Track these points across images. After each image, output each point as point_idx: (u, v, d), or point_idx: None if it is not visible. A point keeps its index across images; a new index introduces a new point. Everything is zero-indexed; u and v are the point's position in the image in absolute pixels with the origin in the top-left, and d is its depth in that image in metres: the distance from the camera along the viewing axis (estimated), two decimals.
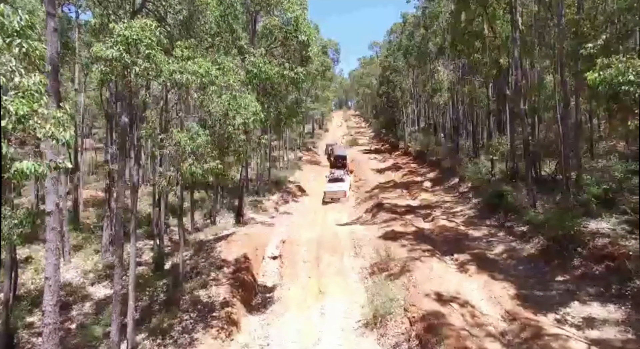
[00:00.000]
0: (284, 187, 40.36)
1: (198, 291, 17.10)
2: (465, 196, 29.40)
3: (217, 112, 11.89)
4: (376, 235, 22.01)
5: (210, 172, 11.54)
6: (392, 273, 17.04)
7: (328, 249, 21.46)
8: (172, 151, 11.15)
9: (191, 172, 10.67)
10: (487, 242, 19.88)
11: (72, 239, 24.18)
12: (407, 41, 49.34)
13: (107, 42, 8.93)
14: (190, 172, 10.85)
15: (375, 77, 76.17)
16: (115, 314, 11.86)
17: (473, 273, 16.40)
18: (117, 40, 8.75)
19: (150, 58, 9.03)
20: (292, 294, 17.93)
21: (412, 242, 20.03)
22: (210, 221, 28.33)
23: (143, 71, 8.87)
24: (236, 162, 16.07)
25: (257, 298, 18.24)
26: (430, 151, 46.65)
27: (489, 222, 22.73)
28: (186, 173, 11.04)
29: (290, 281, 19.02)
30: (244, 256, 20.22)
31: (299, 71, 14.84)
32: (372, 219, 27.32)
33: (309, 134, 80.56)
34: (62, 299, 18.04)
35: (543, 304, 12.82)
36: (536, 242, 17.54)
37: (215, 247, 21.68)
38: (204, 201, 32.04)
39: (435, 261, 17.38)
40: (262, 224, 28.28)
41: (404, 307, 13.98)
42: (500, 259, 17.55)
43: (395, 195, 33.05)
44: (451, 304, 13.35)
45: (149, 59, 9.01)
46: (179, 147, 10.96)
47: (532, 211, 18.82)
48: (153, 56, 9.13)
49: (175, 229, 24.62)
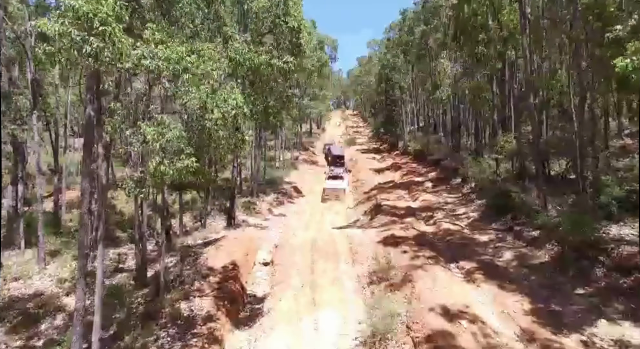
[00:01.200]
0: (279, 187, 38.96)
1: (180, 303, 15.59)
2: (469, 197, 27.95)
3: (193, 104, 10.37)
4: (375, 239, 20.55)
5: (185, 172, 10.04)
6: (392, 283, 15.58)
7: (323, 255, 20.01)
8: (140, 148, 9.62)
9: (160, 173, 9.16)
10: (495, 247, 18.43)
11: (50, 243, 22.68)
12: (407, 37, 47.87)
13: (52, 16, 7.47)
14: (158, 173, 9.33)
15: (374, 75, 74.71)
16: (76, 335, 10.34)
17: (481, 282, 14.93)
18: (65, 14, 7.30)
19: (107, 36, 7.56)
20: (283, 305, 16.44)
21: (413, 248, 18.56)
22: (201, 224, 26.89)
23: (97, 52, 7.40)
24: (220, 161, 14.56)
25: (245, 310, 16.76)
26: (430, 150, 45.29)
27: (495, 226, 21.26)
28: (157, 173, 9.51)
29: (282, 291, 17.54)
30: (232, 264, 18.73)
31: (289, 61, 13.37)
32: (370, 222, 25.87)
33: (307, 133, 79.07)
34: (32, 311, 16.57)
35: (563, 321, 11.35)
36: (549, 249, 16.08)
37: (202, 253, 20.19)
38: (195, 203, 30.57)
39: (439, 270, 15.92)
40: (254, 227, 26.82)
41: (406, 324, 12.51)
42: (510, 267, 16.08)
43: (395, 196, 31.60)
44: (459, 321, 11.87)
45: (104, 37, 7.55)
46: (147, 144, 9.44)
47: (544, 214, 17.33)
48: (110, 34, 7.66)
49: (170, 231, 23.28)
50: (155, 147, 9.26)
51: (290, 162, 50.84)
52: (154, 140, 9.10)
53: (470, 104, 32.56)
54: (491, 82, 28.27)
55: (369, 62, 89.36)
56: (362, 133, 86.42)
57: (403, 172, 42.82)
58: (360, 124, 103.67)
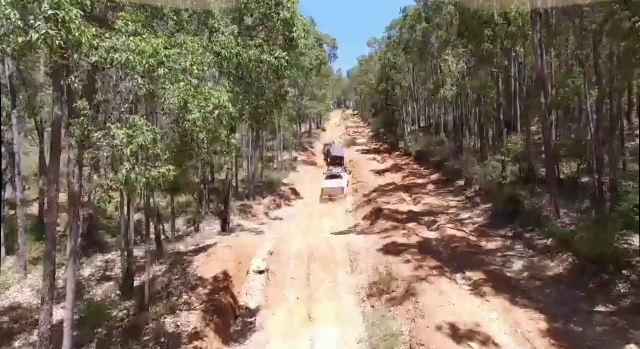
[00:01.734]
0: (276, 189, 37.93)
1: (165, 317, 14.47)
2: (473, 201, 26.81)
3: (171, 103, 9.22)
4: (375, 247, 19.38)
5: (162, 180, 8.89)
6: (394, 297, 14.44)
7: (321, 264, 18.87)
8: (109, 153, 8.48)
9: (129, 180, 8.01)
10: (503, 256, 17.27)
11: (33, 250, 21.49)
12: (408, 35, 46.68)
13: None
14: (128, 180, 8.18)
15: (374, 74, 73.54)
16: None
17: (490, 296, 13.76)
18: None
19: (59, 22, 6.43)
20: (277, 319, 15.35)
21: (416, 257, 17.42)
22: (194, 229, 25.79)
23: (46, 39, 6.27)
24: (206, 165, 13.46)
25: (237, 324, 15.64)
26: (431, 151, 44.16)
27: (502, 232, 20.11)
28: (130, 181, 8.36)
29: (276, 303, 16.43)
30: (223, 273, 17.61)
31: (282, 56, 12.21)
32: (370, 227, 24.72)
33: (306, 133, 77.95)
34: (6, 326, 15.40)
35: (586, 344, 10.19)
36: (563, 260, 14.92)
37: (193, 261, 19.05)
38: (190, 205, 29.41)
39: (444, 282, 14.77)
40: (250, 232, 25.72)
41: (409, 344, 11.37)
42: (521, 279, 14.93)
43: (396, 199, 30.44)
44: (469, 343, 10.72)
45: (56, 23, 6.41)
46: (116, 148, 8.30)
47: (558, 222, 16.16)
48: (62, 19, 6.51)
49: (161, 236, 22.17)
50: (126, 152, 8.09)
51: (289, 163, 49.73)
52: (123, 144, 7.94)
53: (476, 103, 31.35)
54: (497, 80, 27.11)
55: (369, 61, 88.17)
56: (362, 133, 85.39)
57: (404, 174, 41.69)
58: (360, 124, 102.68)
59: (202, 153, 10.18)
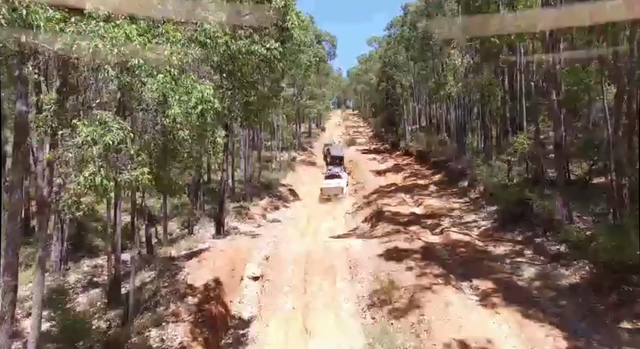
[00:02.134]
0: (274, 190, 36.91)
1: (150, 331, 13.45)
2: (478, 203, 25.75)
3: (148, 98, 8.20)
4: (376, 252, 18.34)
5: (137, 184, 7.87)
6: (396, 308, 13.42)
7: (318, 270, 17.83)
8: (75, 153, 7.46)
9: (95, 184, 7.00)
10: (512, 263, 16.23)
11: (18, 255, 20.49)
12: (409, 33, 45.71)
13: None
14: (99, 186, 7.16)
15: (375, 73, 72.58)
16: None
17: (501, 308, 12.70)
18: None
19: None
20: (271, 331, 14.33)
21: (419, 264, 16.37)
22: (188, 231, 24.76)
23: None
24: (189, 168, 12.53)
25: (228, 336, 14.61)
26: (433, 151, 43.19)
27: (510, 237, 19.07)
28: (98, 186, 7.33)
29: (271, 313, 15.41)
30: (215, 281, 16.57)
31: (274, 47, 11.21)
32: (371, 230, 23.72)
33: (306, 133, 76.90)
34: None
35: None
36: (579, 268, 13.88)
37: (184, 267, 18.00)
38: (186, 207, 28.38)
39: (451, 291, 13.73)
40: (245, 235, 24.71)
41: None
42: (533, 288, 13.90)
43: (397, 201, 29.44)
44: None
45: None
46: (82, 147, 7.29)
47: (574, 228, 15.11)
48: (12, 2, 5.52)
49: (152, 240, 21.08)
50: (92, 152, 7.06)
51: (288, 163, 48.71)
52: (88, 143, 6.92)
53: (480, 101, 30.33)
54: (502, 78, 26.10)
55: (369, 60, 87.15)
56: (363, 133, 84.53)
57: (405, 175, 40.72)
58: (361, 123, 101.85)
59: (185, 153, 9.16)
